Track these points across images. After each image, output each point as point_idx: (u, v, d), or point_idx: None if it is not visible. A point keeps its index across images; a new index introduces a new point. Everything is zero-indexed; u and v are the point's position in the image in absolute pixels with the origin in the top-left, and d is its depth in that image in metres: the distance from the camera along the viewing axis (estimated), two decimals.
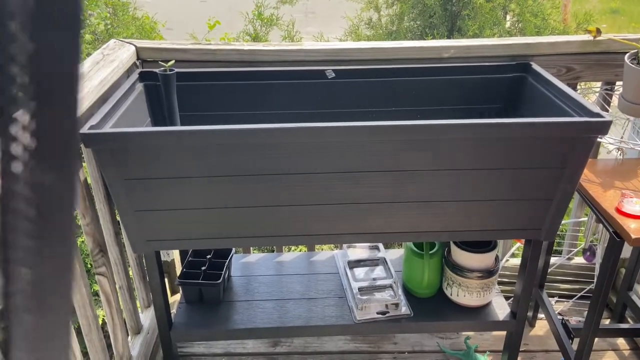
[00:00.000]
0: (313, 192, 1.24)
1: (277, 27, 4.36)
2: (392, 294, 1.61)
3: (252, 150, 1.16)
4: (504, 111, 1.56)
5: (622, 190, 1.37)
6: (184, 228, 1.28)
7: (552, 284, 1.99)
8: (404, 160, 1.20)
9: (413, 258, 1.58)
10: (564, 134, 1.15)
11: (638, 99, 1.41)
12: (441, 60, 1.58)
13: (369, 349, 1.80)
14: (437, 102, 1.55)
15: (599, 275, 1.35)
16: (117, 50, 1.47)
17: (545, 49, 1.57)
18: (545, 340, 1.81)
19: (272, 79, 1.50)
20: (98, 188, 1.34)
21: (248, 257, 1.86)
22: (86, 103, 1.18)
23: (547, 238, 1.35)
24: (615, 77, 1.61)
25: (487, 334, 1.85)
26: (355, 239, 1.37)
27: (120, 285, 1.49)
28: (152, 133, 1.12)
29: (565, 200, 1.27)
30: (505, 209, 1.29)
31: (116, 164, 1.15)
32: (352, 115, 1.56)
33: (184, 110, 1.51)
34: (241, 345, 1.82)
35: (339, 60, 1.57)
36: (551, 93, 1.36)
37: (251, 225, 1.30)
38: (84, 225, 1.28)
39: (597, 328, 1.40)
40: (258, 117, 1.54)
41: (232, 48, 1.55)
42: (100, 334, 1.34)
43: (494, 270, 1.52)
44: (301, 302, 1.64)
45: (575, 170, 1.21)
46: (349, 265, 1.75)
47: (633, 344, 1.79)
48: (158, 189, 1.21)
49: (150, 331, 1.70)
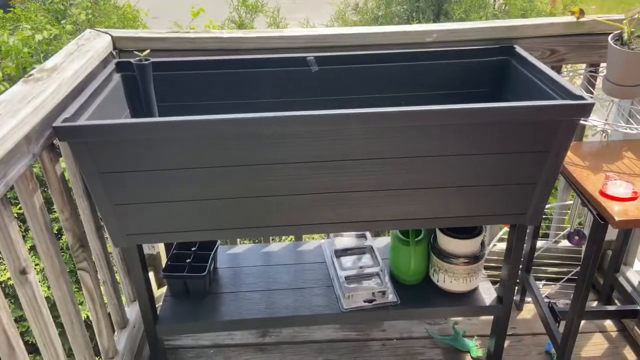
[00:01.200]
0: (297, 182, 1.22)
1: (263, 14, 4.30)
2: (379, 282, 1.60)
3: (232, 141, 1.14)
4: (489, 95, 1.54)
5: (607, 172, 1.37)
6: (165, 221, 1.26)
7: (539, 268, 2.00)
8: (388, 148, 1.18)
9: (399, 246, 1.57)
10: (546, 117, 1.14)
11: (622, 81, 1.40)
12: (424, 45, 1.55)
13: (358, 337, 1.80)
14: (422, 87, 1.53)
15: (584, 258, 1.35)
16: (92, 40, 1.43)
17: (529, 31, 1.55)
18: (533, 324, 1.82)
19: (253, 67, 1.47)
20: (76, 182, 1.31)
21: (234, 248, 1.85)
22: (59, 95, 1.15)
23: (532, 222, 1.34)
24: (600, 58, 1.60)
25: (475, 318, 1.85)
26: (341, 228, 1.35)
27: (104, 279, 1.47)
28: (127, 125, 1.09)
29: (549, 184, 1.26)
30: (489, 194, 1.28)
31: (92, 158, 1.13)
32: (334, 103, 1.53)
33: (164, 100, 1.48)
34: (229, 337, 1.81)
35: (321, 46, 1.54)
36: (534, 76, 1.35)
37: (234, 216, 1.28)
38: (62, 221, 1.25)
39: (582, 310, 1.40)
40: (240, 106, 1.52)
41: (211, 36, 1.52)
42: (84, 329, 1.32)
43: (480, 255, 1.52)
44: (288, 292, 1.63)
45: (558, 153, 1.20)
46: (336, 254, 1.74)
47: (620, 325, 1.81)
48: (137, 182, 1.18)
49: (137, 325, 1.69)
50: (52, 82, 1.15)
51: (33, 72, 1.19)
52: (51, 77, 1.18)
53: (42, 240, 1.14)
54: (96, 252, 1.42)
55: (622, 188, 1.27)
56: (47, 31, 3.25)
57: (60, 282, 1.20)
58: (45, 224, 1.14)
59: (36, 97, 1.08)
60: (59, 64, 1.25)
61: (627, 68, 1.37)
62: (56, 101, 1.14)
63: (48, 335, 1.13)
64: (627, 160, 1.43)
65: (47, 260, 1.16)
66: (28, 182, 1.08)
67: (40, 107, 1.07)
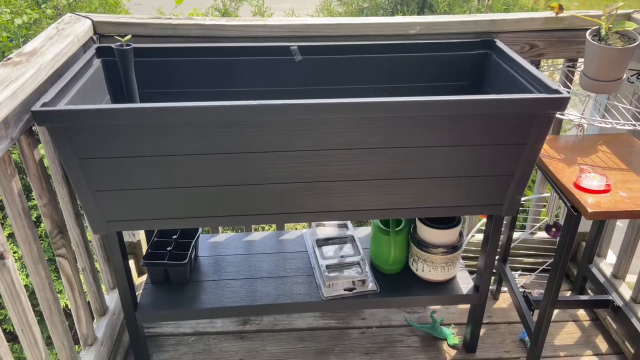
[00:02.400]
0: (278, 171, 1.23)
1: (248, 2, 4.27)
2: (360, 271, 1.62)
3: (212, 129, 1.14)
4: (470, 88, 1.57)
5: (581, 165, 1.40)
6: (145, 208, 1.26)
7: (515, 258, 2.04)
8: (368, 138, 1.19)
9: (380, 235, 1.59)
10: (522, 110, 1.17)
11: (599, 76, 1.43)
12: (407, 37, 1.57)
13: (338, 325, 1.82)
14: (404, 79, 1.55)
15: (558, 248, 1.39)
16: (72, 24, 1.41)
17: (509, 25, 1.57)
18: (508, 312, 1.86)
19: (236, 55, 1.47)
20: (55, 168, 1.30)
21: (216, 236, 1.85)
22: (38, 79, 1.14)
23: (508, 213, 1.37)
24: (577, 54, 1.63)
25: (452, 307, 1.89)
26: (323, 217, 1.37)
27: (83, 267, 1.47)
28: (107, 110, 1.08)
29: (525, 176, 1.29)
30: (467, 185, 1.30)
31: (71, 143, 1.12)
32: (318, 93, 1.54)
33: (145, 86, 1.47)
34: (210, 325, 1.82)
35: (304, 36, 1.55)
36: (513, 70, 1.37)
37: (215, 204, 1.28)
38: (41, 207, 1.24)
39: (555, 299, 1.44)
40: (222, 94, 1.51)
41: (193, 23, 1.51)
42: (62, 316, 1.31)
43: (458, 245, 1.55)
44: (270, 280, 1.64)
45: (534, 146, 1.23)
46: (318, 243, 1.75)
47: (593, 314, 1.86)
48: (116, 168, 1.18)
49: (117, 312, 1.68)
50: (31, 66, 1.13)
51: (12, 56, 1.18)
52: (30, 60, 1.16)
53: (20, 226, 1.13)
54: (75, 239, 1.41)
55: (595, 181, 1.31)
56: (27, 15, 3.19)
57: (39, 269, 1.20)
58: (24, 209, 1.13)
59: (15, 80, 1.06)
60: (38, 47, 1.23)
61: (604, 63, 1.40)
62: (35, 85, 1.12)
63: (26, 321, 1.12)
64: (602, 153, 1.47)
65: (25, 247, 1.15)
66: (6, 166, 1.07)
67: (19, 91, 1.06)
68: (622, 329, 1.71)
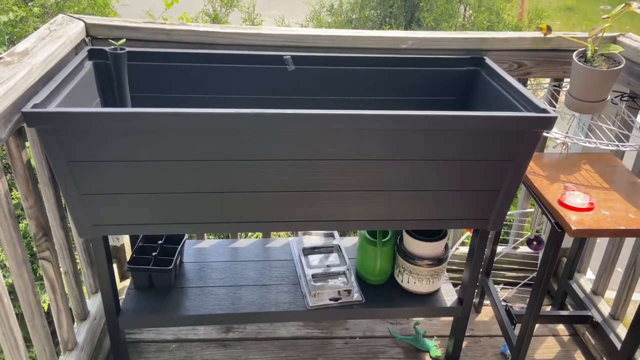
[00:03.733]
0: (266, 179, 1.24)
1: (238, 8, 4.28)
2: (345, 281, 1.63)
3: (202, 135, 1.14)
4: (458, 103, 1.59)
5: (565, 183, 1.43)
6: (132, 213, 1.25)
7: (498, 272, 2.07)
8: (356, 149, 1.20)
9: (366, 246, 1.60)
10: (511, 127, 1.19)
11: (584, 96, 1.47)
12: (399, 51, 1.59)
13: (321, 335, 1.82)
14: (394, 92, 1.57)
15: (541, 264, 1.41)
16: (65, 25, 1.40)
17: (498, 44, 1.60)
18: (490, 326, 1.89)
19: (229, 62, 1.47)
20: (42, 170, 1.29)
21: (201, 243, 1.84)
22: (30, 80, 1.13)
23: (493, 228, 1.39)
24: (564, 74, 1.67)
25: (436, 319, 1.90)
26: (310, 227, 1.37)
27: (66, 270, 1.45)
28: (99, 114, 1.08)
29: (511, 191, 1.31)
30: (454, 200, 1.32)
31: (61, 145, 1.11)
32: (308, 103, 1.55)
33: (136, 91, 1.46)
34: (193, 332, 1.80)
35: (298, 46, 1.56)
36: (502, 87, 1.40)
37: (202, 211, 1.28)
38: (26, 208, 1.22)
39: (537, 314, 1.47)
40: (213, 100, 1.52)
41: (187, 29, 1.51)
42: (44, 320, 1.29)
43: (444, 258, 1.57)
44: (255, 288, 1.64)
45: (521, 163, 1.26)
46: (304, 252, 1.75)
47: (572, 329, 1.89)
48: (105, 172, 1.17)
49: (98, 317, 1.66)
50: (23, 66, 1.12)
51: (3, 55, 1.16)
52: (22, 61, 1.15)
53: (5, 228, 1.11)
54: (59, 242, 1.39)
55: (579, 199, 1.34)
56: (13, 13, 3.14)
57: (22, 271, 1.18)
58: (10, 210, 1.11)
59: (6, 81, 1.05)
60: (30, 48, 1.22)
61: (589, 84, 1.44)
62: (27, 86, 1.11)
63: (8, 325, 1.10)
64: (585, 172, 1.50)
65: (10, 248, 1.13)
66: None
67: (11, 92, 1.04)
68: (601, 344, 1.74)
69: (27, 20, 3.27)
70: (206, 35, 1.52)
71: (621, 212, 1.31)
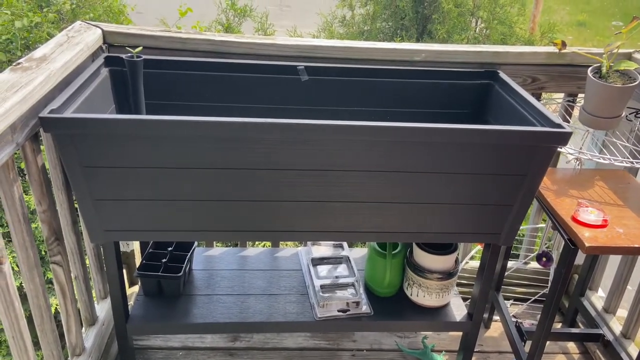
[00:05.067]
0: (278, 189, 1.24)
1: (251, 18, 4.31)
2: (354, 292, 1.62)
3: (215, 143, 1.15)
4: (472, 116, 1.59)
5: (579, 199, 1.42)
6: (144, 219, 1.25)
7: (508, 287, 2.05)
8: (368, 160, 1.20)
9: (376, 258, 1.60)
10: (526, 142, 1.18)
11: (598, 112, 1.46)
12: (413, 63, 1.59)
13: (328, 346, 1.81)
14: (407, 104, 1.57)
15: (553, 281, 1.40)
16: (82, 32, 1.42)
17: (512, 58, 1.60)
18: (499, 342, 1.86)
19: (243, 71, 1.48)
20: (57, 174, 1.30)
21: (211, 250, 1.84)
22: (47, 86, 1.14)
23: (505, 243, 1.38)
24: (578, 89, 1.67)
25: (444, 334, 1.88)
26: (319, 237, 1.37)
27: (76, 275, 1.45)
28: (115, 120, 1.08)
29: (524, 206, 1.30)
30: (466, 213, 1.31)
31: (76, 151, 1.12)
32: (320, 113, 1.55)
33: (151, 98, 1.47)
34: (200, 340, 1.80)
35: (312, 57, 1.56)
36: (516, 102, 1.39)
37: (213, 218, 1.28)
38: (40, 212, 1.23)
39: (549, 331, 1.45)
40: (226, 109, 1.52)
41: (203, 38, 1.53)
42: (53, 324, 1.29)
43: (454, 272, 1.55)
44: (263, 297, 1.63)
45: (535, 178, 1.25)
46: (313, 262, 1.75)
47: (582, 347, 1.86)
48: (119, 178, 1.18)
49: (106, 323, 1.66)
50: (41, 72, 1.14)
51: (21, 61, 1.18)
52: (40, 67, 1.16)
53: (19, 231, 1.12)
54: (70, 247, 1.40)
55: (593, 215, 1.32)
56: (28, 18, 3.19)
57: (34, 275, 1.18)
58: (23, 214, 1.12)
59: (24, 86, 1.06)
60: (49, 54, 1.24)
61: (604, 100, 1.43)
62: (44, 91, 1.13)
63: (18, 328, 1.11)
64: (599, 188, 1.49)
65: (22, 252, 1.14)
66: (9, 171, 1.06)
67: (29, 97, 1.06)
68: None
69: (42, 26, 3.31)
70: (222, 44, 1.53)
71: (635, 229, 1.30)
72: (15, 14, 3.22)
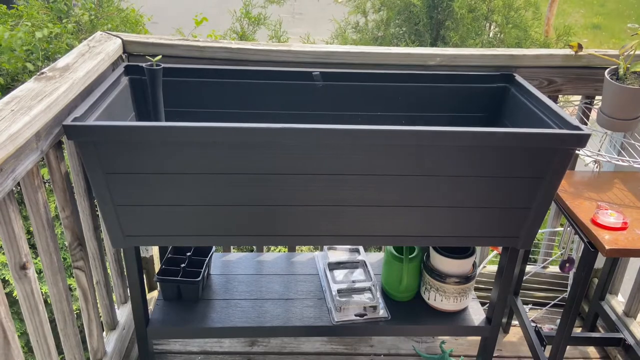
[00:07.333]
0: (295, 193, 1.25)
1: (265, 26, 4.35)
2: (371, 297, 1.62)
3: (234, 149, 1.16)
4: (488, 120, 1.59)
5: (598, 202, 1.41)
6: (164, 224, 1.27)
7: (526, 292, 2.03)
8: (385, 164, 1.21)
9: (392, 262, 1.60)
10: (543, 145, 1.18)
11: (616, 114, 1.45)
12: (427, 67, 1.60)
13: (346, 351, 1.81)
14: (423, 108, 1.57)
15: (573, 285, 1.38)
16: (103, 42, 1.45)
17: (529, 61, 1.60)
18: (519, 347, 1.85)
19: (260, 78, 1.50)
20: (79, 181, 1.32)
21: (228, 255, 1.86)
22: (70, 95, 1.17)
23: (523, 246, 1.37)
24: (595, 91, 1.66)
25: (462, 338, 1.87)
26: (336, 241, 1.37)
27: (98, 280, 1.48)
28: (136, 128, 1.11)
29: (542, 209, 1.30)
30: (484, 217, 1.31)
31: (98, 158, 1.14)
32: (336, 118, 1.57)
33: (170, 106, 1.50)
34: (218, 344, 1.81)
35: (327, 63, 1.58)
36: (533, 104, 1.39)
37: (232, 224, 1.29)
38: (63, 218, 1.26)
39: (569, 336, 1.43)
40: (244, 115, 1.54)
41: (220, 46, 1.55)
42: (76, 329, 1.32)
43: (471, 276, 1.55)
44: (280, 302, 1.64)
45: (553, 180, 1.24)
46: (329, 267, 1.76)
47: (603, 352, 1.84)
48: (140, 184, 1.20)
49: (126, 327, 1.68)
50: (65, 81, 1.17)
51: (45, 70, 1.21)
52: (63, 76, 1.19)
53: (43, 237, 1.14)
54: (92, 252, 1.42)
55: (612, 218, 1.31)
56: (48, 29, 3.25)
57: (57, 280, 1.21)
58: (47, 220, 1.14)
59: (49, 95, 1.09)
60: (71, 64, 1.27)
61: (621, 102, 1.42)
62: (67, 100, 1.15)
63: (43, 333, 1.13)
64: (618, 190, 1.48)
65: (46, 257, 1.16)
66: (34, 178, 1.09)
67: (53, 105, 1.08)
68: None
69: (61, 37, 3.38)
70: (239, 52, 1.55)
71: None
72: (35, 25, 3.29)
